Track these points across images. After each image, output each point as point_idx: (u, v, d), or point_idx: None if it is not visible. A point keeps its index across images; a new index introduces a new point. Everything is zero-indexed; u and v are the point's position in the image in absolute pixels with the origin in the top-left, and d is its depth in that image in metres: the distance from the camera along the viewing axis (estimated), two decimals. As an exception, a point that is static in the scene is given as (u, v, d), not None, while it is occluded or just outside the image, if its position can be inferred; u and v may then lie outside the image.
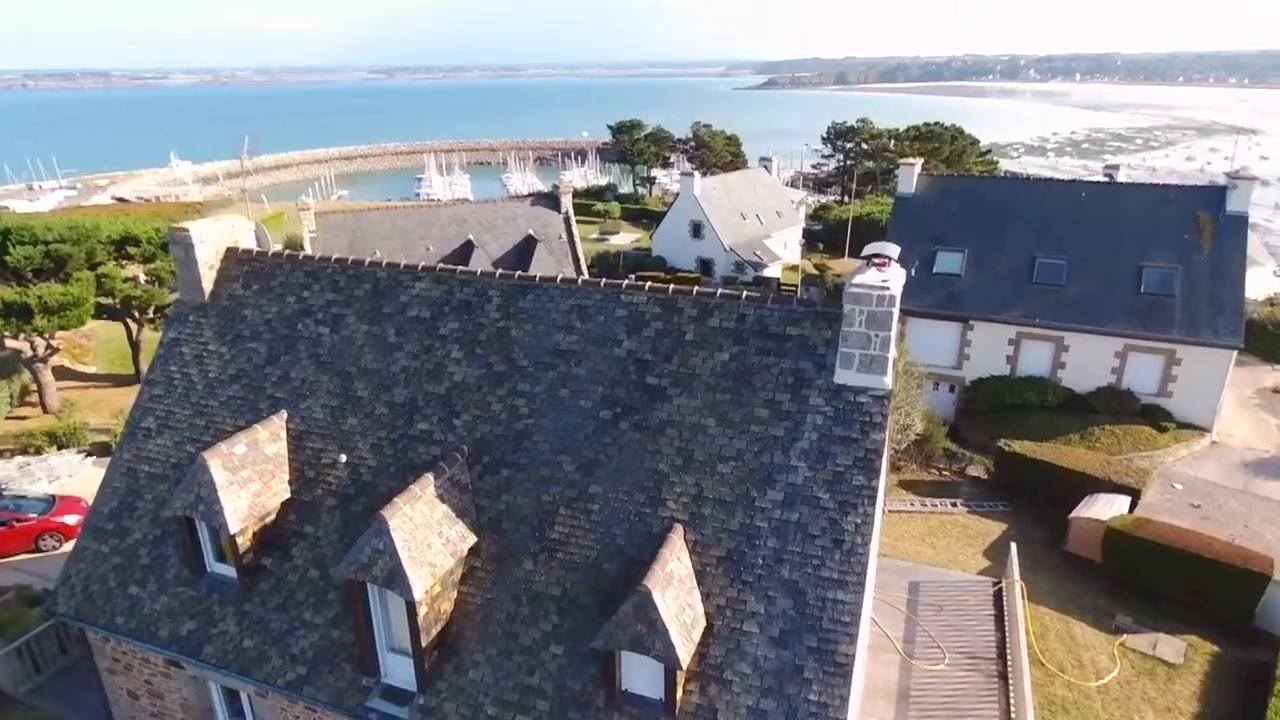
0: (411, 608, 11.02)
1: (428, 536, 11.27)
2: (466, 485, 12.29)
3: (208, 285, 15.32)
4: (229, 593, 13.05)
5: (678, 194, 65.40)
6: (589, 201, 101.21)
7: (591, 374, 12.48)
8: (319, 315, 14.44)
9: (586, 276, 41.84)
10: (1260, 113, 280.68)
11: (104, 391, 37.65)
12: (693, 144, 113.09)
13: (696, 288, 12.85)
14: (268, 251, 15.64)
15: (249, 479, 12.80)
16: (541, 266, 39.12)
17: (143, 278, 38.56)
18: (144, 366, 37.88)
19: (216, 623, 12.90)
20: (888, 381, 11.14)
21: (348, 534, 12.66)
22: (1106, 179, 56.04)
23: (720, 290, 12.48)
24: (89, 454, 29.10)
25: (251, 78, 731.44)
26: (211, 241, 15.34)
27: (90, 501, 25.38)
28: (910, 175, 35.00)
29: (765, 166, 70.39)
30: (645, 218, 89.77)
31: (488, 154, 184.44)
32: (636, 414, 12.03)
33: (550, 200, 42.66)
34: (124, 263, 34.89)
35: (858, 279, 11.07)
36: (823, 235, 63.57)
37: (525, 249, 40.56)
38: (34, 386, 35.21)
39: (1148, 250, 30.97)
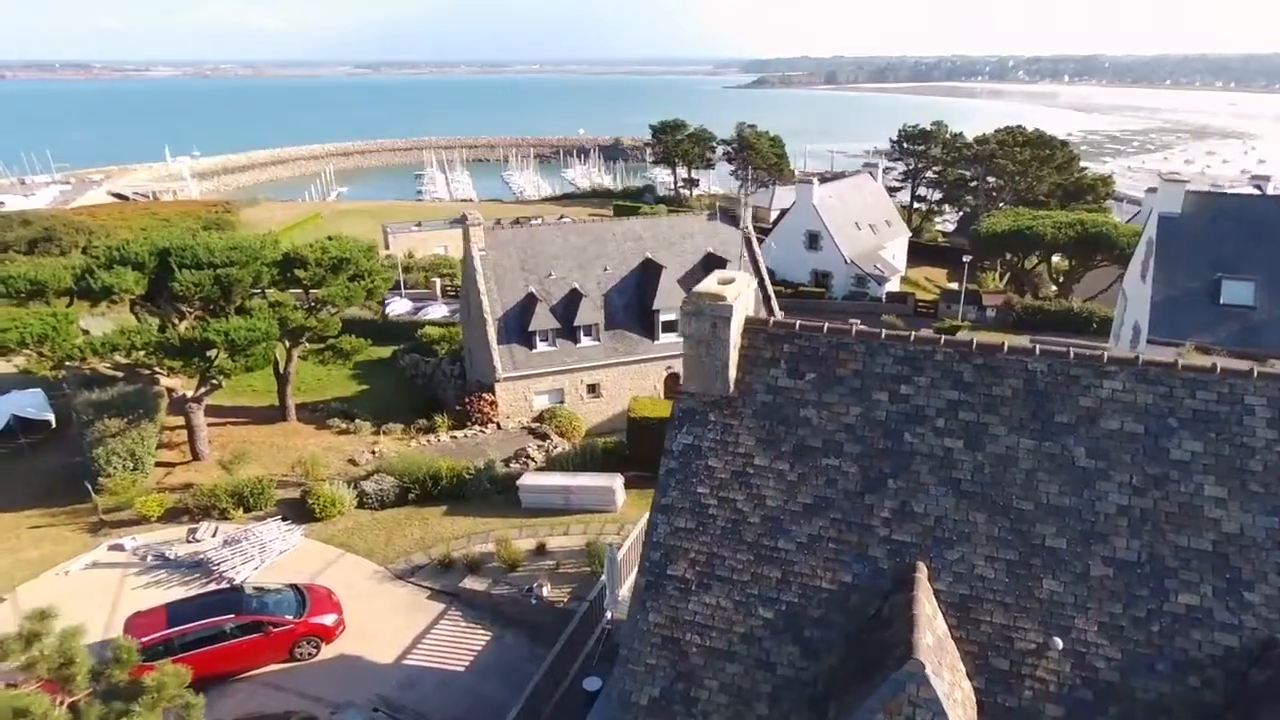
0: None
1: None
2: (1317, 702, 8.23)
3: (733, 372, 11.10)
4: (908, 847, 8.87)
5: (789, 203, 61.43)
6: (633, 204, 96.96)
7: None
8: (939, 422, 10.26)
9: (777, 307, 37.96)
10: (1250, 116, 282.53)
11: (244, 429, 32.94)
12: (735, 145, 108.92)
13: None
14: (779, 319, 11.46)
15: (953, 684, 8.65)
16: (732, 289, 34.99)
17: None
18: (290, 401, 33.26)
19: None
20: None
21: (1104, 765, 8.57)
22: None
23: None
24: (286, 519, 24.53)
25: (236, 71, 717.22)
26: (739, 311, 11.12)
27: (332, 593, 20.84)
28: (1176, 194, 31.14)
29: (870, 172, 66.43)
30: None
31: (486, 151, 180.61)
32: None
33: (727, 215, 38.58)
34: (285, 288, 30.31)
35: None
36: (972, 249, 55.95)
37: (707, 269, 36.42)
38: (172, 423, 30.63)
39: None
